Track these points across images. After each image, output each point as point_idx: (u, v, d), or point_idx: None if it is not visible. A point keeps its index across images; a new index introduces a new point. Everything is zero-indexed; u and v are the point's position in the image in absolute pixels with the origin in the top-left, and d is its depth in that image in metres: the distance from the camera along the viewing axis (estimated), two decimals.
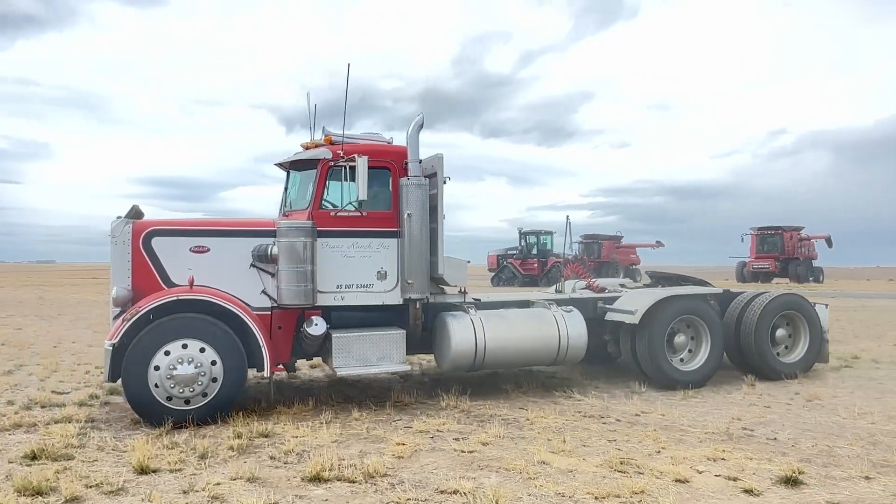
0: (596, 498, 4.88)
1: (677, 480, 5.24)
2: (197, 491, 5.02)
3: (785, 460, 5.71)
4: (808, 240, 44.88)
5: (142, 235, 7.47)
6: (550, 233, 43.63)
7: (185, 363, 6.94)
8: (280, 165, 8.86)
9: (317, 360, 8.92)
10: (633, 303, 9.22)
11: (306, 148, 8.48)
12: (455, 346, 8.11)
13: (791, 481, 5.19)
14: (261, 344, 7.30)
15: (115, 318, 7.28)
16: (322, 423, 6.99)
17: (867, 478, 5.32)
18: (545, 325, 8.67)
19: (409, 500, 4.83)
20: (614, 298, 9.65)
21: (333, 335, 7.67)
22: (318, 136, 8.49)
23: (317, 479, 5.25)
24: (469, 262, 8.92)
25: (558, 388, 8.95)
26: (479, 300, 9.05)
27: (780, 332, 9.98)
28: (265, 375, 7.52)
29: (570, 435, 6.61)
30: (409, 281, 7.99)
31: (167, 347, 6.93)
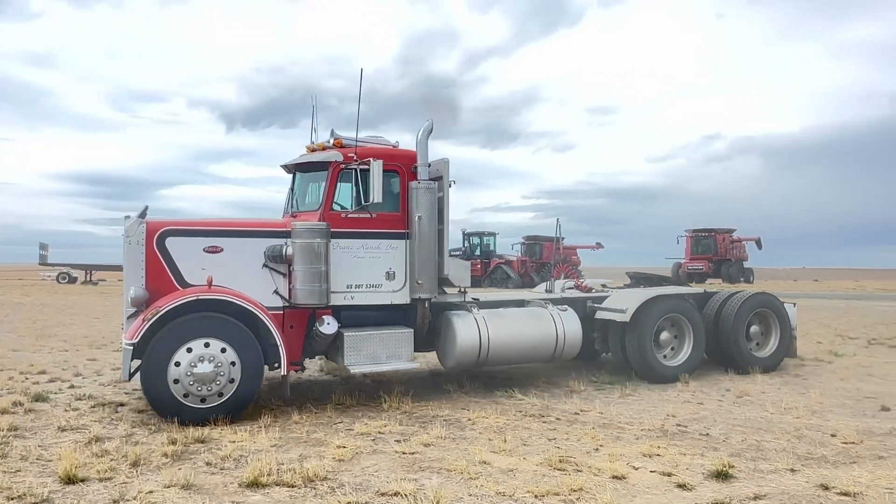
0: (536, 496, 4.94)
1: (614, 477, 5.35)
2: (128, 500, 4.84)
3: (716, 455, 5.91)
4: (740, 242, 46.54)
5: (156, 235, 7.51)
6: (493, 234, 44.05)
7: (205, 361, 7.03)
8: (285, 168, 8.99)
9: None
10: (622, 302, 9.72)
11: (312, 150, 8.63)
12: (460, 343, 8.41)
13: (722, 475, 5.37)
14: (279, 343, 7.43)
15: (129, 318, 7.33)
16: (261, 427, 6.85)
17: (792, 470, 5.55)
18: (543, 323, 9.06)
19: (349, 503, 4.79)
20: (602, 298, 10.15)
21: (345, 334, 7.85)
22: (320, 139, 8.73)
23: (255, 484, 5.14)
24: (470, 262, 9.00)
25: (500, 388, 9.03)
26: (478, 300, 9.33)
27: (753, 329, 10.60)
28: (282, 374, 7.60)
29: (511, 434, 6.67)
30: (420, 281, 8.23)
31: (190, 345, 7.01)
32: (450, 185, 8.58)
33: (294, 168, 8.83)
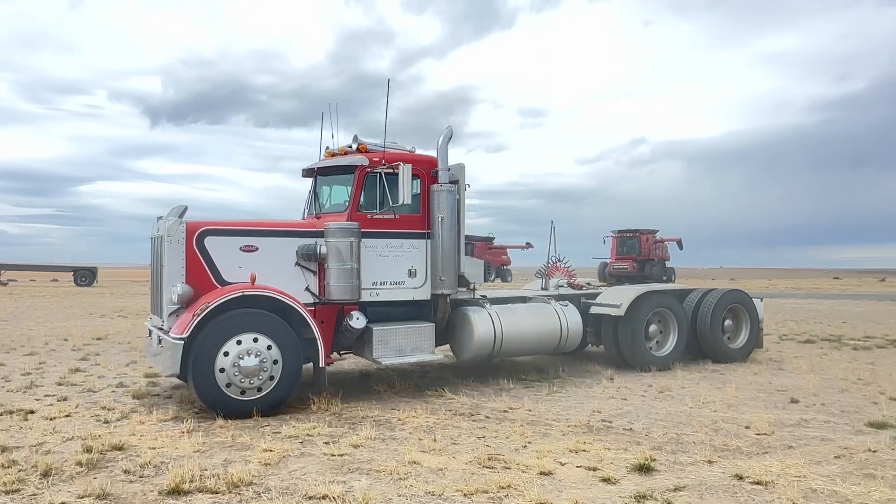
0: (465, 495, 4.97)
1: (542, 473, 5.44)
2: None
3: (639, 449, 6.09)
4: (662, 242, 48.21)
5: (195, 234, 7.76)
6: None
7: (251, 355, 7.36)
8: (308, 172, 9.45)
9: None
10: (616, 298, 10.57)
11: (332, 155, 9.15)
12: (478, 336, 9.01)
13: (644, 468, 5.54)
14: (317, 337, 7.82)
15: (171, 314, 7.63)
16: (183, 433, 6.62)
17: (710, 462, 5.78)
18: (549, 317, 9.86)
19: None
20: (595, 295, 11.01)
21: (374, 328, 8.31)
22: (339, 144, 9.24)
23: (176, 491, 4.95)
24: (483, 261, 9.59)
25: (430, 387, 9.04)
26: (486, 296, 9.76)
27: (727, 323, 11.56)
28: (319, 365, 7.91)
29: (440, 433, 6.68)
30: (443, 278, 8.74)
31: (239, 338, 7.35)
32: (465, 189, 9.10)
33: (316, 172, 9.25)
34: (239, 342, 7.33)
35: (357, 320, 8.09)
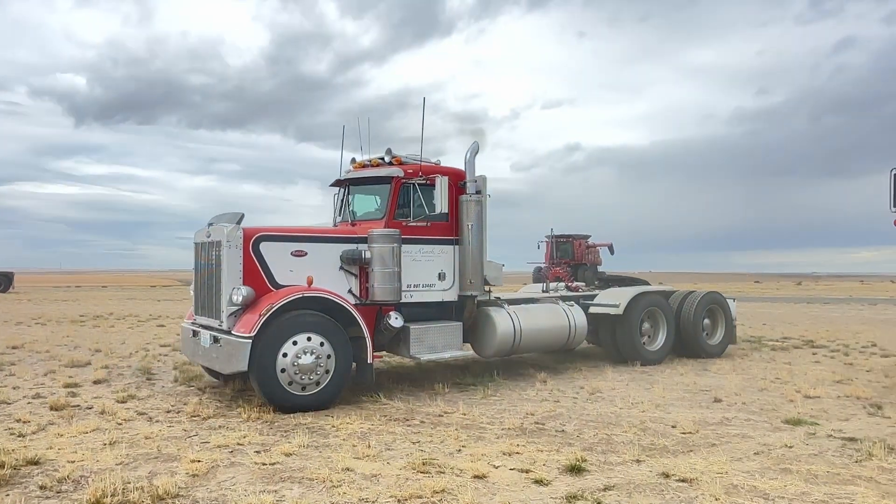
0: (399, 500, 4.94)
1: (476, 477, 5.46)
2: None
3: (571, 450, 6.20)
4: (594, 247, 49.30)
5: (252, 240, 8.26)
6: None
7: (308, 354, 7.86)
8: (338, 183, 10.13)
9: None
10: (614, 298, 11.54)
11: (362, 166, 9.83)
12: (500, 334, 9.80)
13: (575, 469, 5.65)
14: (366, 335, 8.40)
15: (231, 315, 8.04)
16: (105, 445, 6.34)
17: (638, 461, 5.94)
18: (559, 316, 10.80)
19: None
20: (592, 296, 12.01)
21: (411, 327, 8.93)
22: (368, 156, 9.91)
23: None
24: (503, 265, 10.51)
25: (365, 392, 8.97)
26: (500, 298, 10.46)
27: (705, 322, 12.59)
28: (368, 362, 8.47)
29: (375, 439, 6.63)
30: (472, 280, 9.50)
31: (295, 338, 7.83)
32: (487, 198, 9.73)
33: (349, 182, 9.91)
34: (295, 342, 7.82)
35: (396, 320, 8.67)
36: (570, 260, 47.66)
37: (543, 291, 12.07)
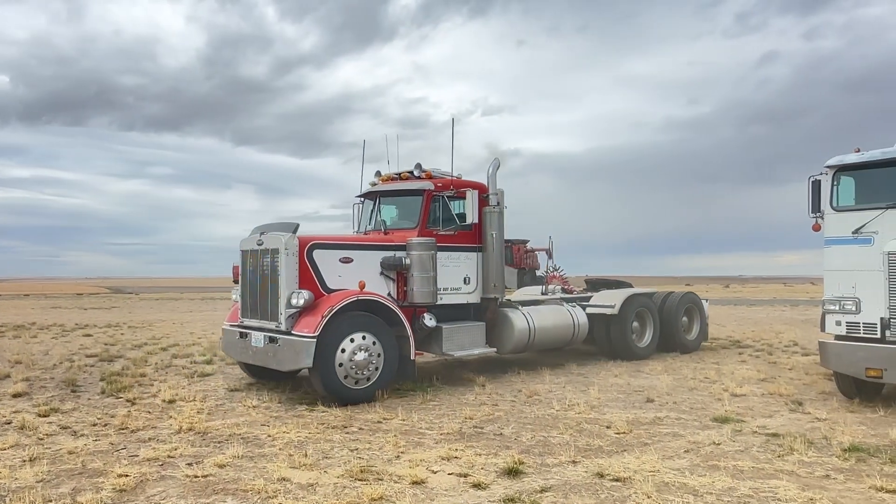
0: None
1: (414, 482, 5.45)
2: None
3: (508, 453, 6.26)
4: (533, 252, 49.96)
5: (306, 248, 8.98)
6: None
7: (362, 351, 8.69)
8: (367, 195, 11.09)
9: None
10: (609, 300, 12.64)
11: (388, 179, 10.88)
12: (517, 332, 10.76)
13: (513, 472, 5.70)
14: (409, 335, 9.24)
15: (289, 317, 8.69)
16: (24, 461, 6.04)
17: (574, 462, 6.05)
18: (564, 316, 11.88)
19: None
20: (587, 298, 13.01)
21: (444, 327, 9.83)
22: (389, 170, 11.05)
23: None
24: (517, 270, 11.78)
25: (302, 401, 8.83)
26: (510, 299, 11.43)
27: (683, 319, 13.83)
28: (411, 358, 9.28)
29: (312, 448, 6.53)
30: (495, 284, 10.49)
31: (350, 337, 8.62)
32: (504, 209, 10.65)
33: (380, 194, 10.82)
34: (352, 340, 8.62)
35: (430, 320, 9.60)
36: (510, 264, 48.07)
37: (542, 294, 12.95)
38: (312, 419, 7.85)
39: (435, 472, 5.74)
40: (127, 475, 5.62)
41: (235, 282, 9.89)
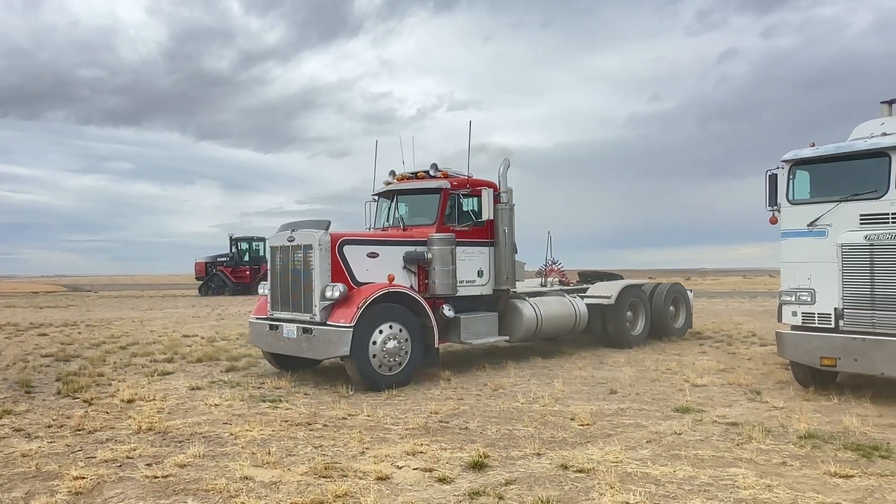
0: None
1: (379, 478, 5.42)
2: None
3: (473, 447, 6.27)
4: None
5: (337, 243, 9.57)
6: (263, 239, 42.42)
7: (393, 339, 9.33)
8: (383, 194, 11.58)
9: None
10: (606, 290, 13.42)
11: (404, 178, 11.41)
12: (526, 321, 11.40)
13: (478, 465, 5.71)
14: (434, 325, 9.81)
15: (324, 309, 9.26)
16: None
17: (538, 454, 6.08)
18: (567, 306, 12.58)
19: None
20: (584, 289, 13.77)
21: (462, 317, 10.45)
22: (404, 170, 11.65)
23: None
24: (525, 263, 12.48)
25: (266, 398, 8.72)
26: (516, 290, 11.77)
27: (671, 309, 14.76)
28: (435, 346, 9.88)
29: (276, 446, 6.45)
30: (507, 277, 11.12)
31: (381, 327, 9.24)
32: (513, 206, 11.21)
33: (397, 193, 11.31)
34: (381, 331, 9.21)
35: (449, 311, 10.17)
36: None
37: (542, 286, 13.66)
38: (276, 417, 7.75)
39: (400, 468, 5.72)
40: (83, 477, 5.47)
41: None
